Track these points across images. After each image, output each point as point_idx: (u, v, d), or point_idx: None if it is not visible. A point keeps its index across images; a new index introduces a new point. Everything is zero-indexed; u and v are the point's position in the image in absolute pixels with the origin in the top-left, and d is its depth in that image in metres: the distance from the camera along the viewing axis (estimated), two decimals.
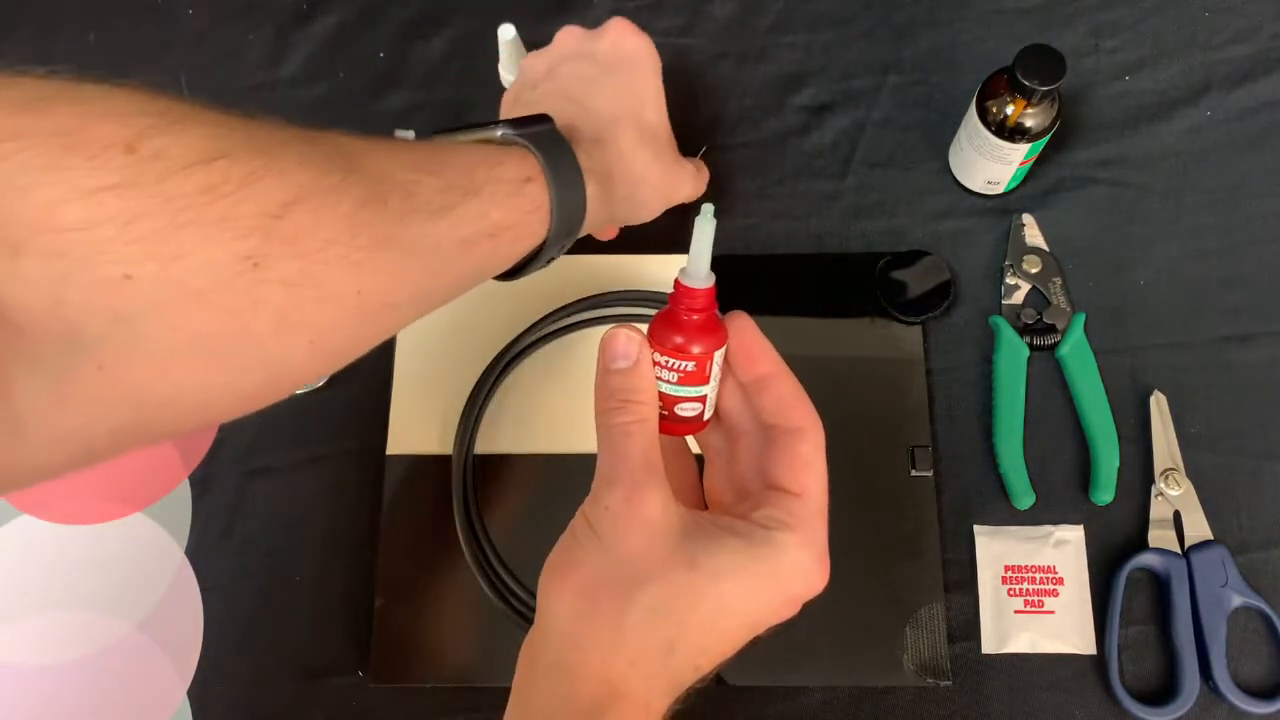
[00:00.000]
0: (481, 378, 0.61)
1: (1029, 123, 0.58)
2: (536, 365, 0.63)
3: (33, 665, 0.58)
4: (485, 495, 0.60)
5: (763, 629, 0.38)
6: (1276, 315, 0.62)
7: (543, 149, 0.46)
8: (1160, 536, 0.57)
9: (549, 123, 0.49)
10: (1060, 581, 0.57)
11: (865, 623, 0.57)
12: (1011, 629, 0.56)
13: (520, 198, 0.45)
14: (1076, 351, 0.61)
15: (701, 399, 0.39)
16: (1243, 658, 0.56)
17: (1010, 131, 0.59)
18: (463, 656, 0.57)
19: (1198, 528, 0.57)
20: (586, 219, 0.49)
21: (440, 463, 0.60)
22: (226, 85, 0.70)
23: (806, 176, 0.67)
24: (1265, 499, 0.58)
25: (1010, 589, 0.57)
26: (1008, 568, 0.57)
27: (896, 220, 0.65)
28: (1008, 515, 0.59)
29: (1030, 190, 0.65)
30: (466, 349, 0.62)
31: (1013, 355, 0.61)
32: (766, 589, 0.36)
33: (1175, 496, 0.58)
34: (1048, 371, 0.61)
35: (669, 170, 0.55)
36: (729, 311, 0.39)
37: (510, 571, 0.58)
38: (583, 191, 0.48)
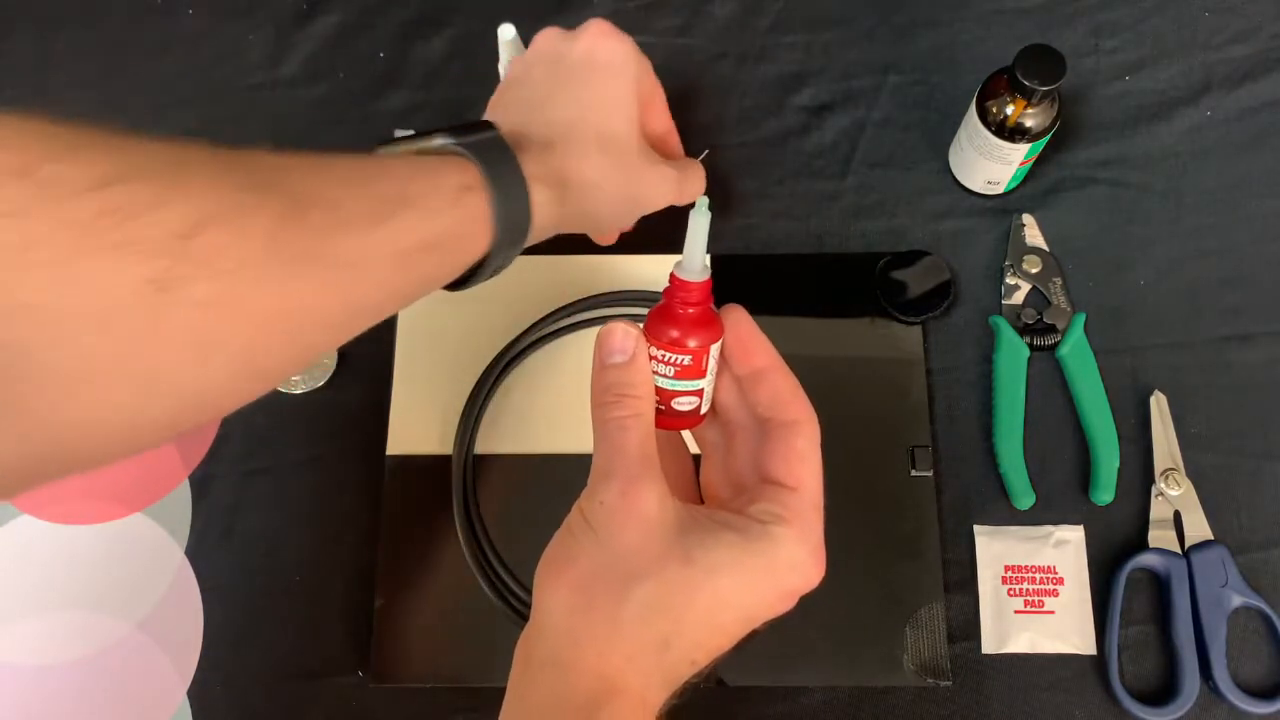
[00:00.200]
0: (481, 378, 0.61)
1: (1029, 123, 0.58)
2: (536, 365, 0.63)
3: (32, 665, 0.58)
4: (485, 495, 0.60)
5: (759, 623, 0.38)
6: (1276, 315, 0.62)
7: (482, 157, 0.45)
8: (1160, 536, 0.57)
9: (492, 130, 0.47)
10: (1060, 581, 0.57)
11: (865, 623, 0.57)
12: (1011, 629, 0.56)
13: (459, 208, 0.43)
14: (1076, 351, 0.61)
15: (698, 393, 0.39)
16: (1243, 658, 0.56)
17: (1010, 131, 0.59)
18: (463, 656, 0.57)
19: (1198, 528, 0.57)
20: (535, 227, 0.47)
21: (440, 463, 0.60)
22: (226, 85, 0.70)
23: (806, 176, 0.67)
24: (1265, 499, 0.58)
25: (1010, 589, 0.57)
26: (1008, 568, 0.57)
27: (896, 220, 0.65)
28: (1008, 515, 0.59)
29: (1030, 190, 0.65)
30: (466, 349, 0.62)
31: (1013, 355, 0.61)
32: (762, 583, 0.36)
33: (1175, 496, 0.58)
34: (1048, 371, 0.61)
35: (633, 177, 0.52)
36: (724, 305, 0.39)
37: (510, 571, 0.58)
38: (526, 199, 0.46)
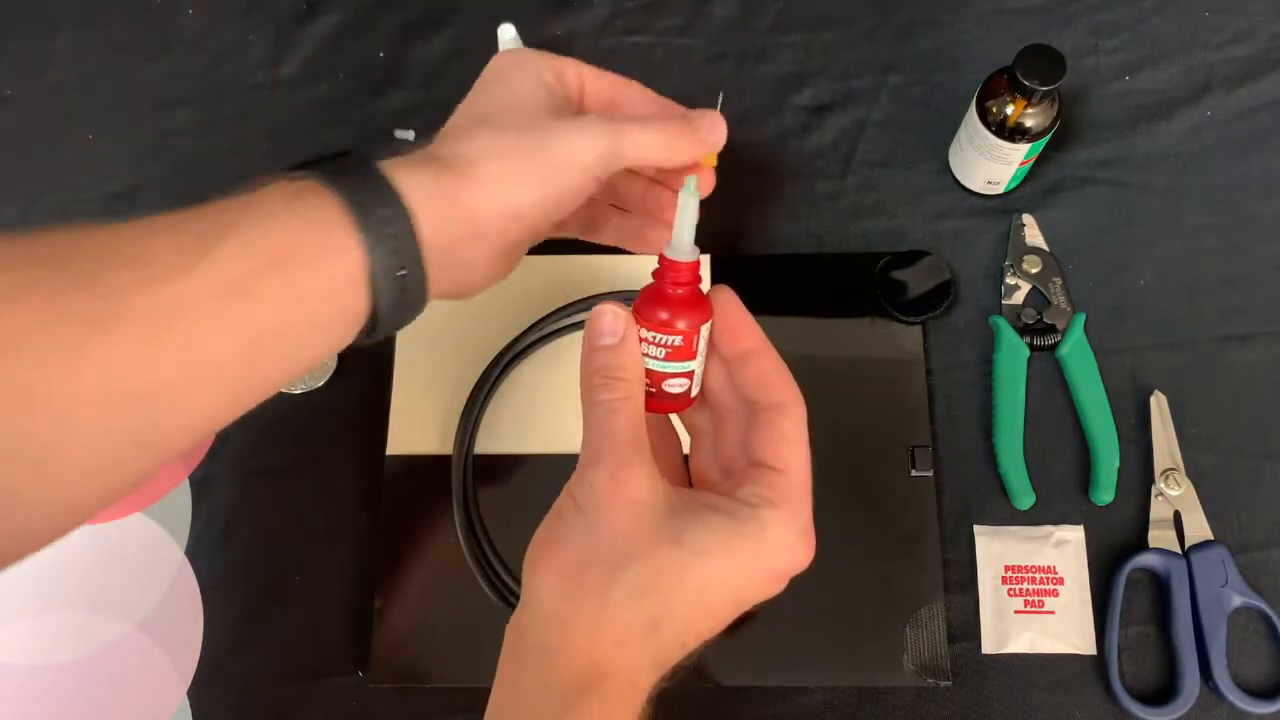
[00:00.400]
0: (481, 378, 0.61)
1: (1029, 123, 0.58)
2: (536, 365, 0.63)
3: (33, 665, 0.58)
4: (485, 495, 0.60)
5: (749, 605, 0.37)
6: (1276, 315, 0.62)
7: (320, 166, 0.38)
8: (1160, 536, 0.57)
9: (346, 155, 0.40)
10: (1060, 581, 0.57)
11: (865, 623, 0.57)
12: (1011, 629, 0.56)
13: (295, 212, 0.36)
14: (1076, 351, 0.61)
15: (689, 375, 0.39)
16: (1243, 658, 0.56)
17: (1010, 131, 0.59)
18: (463, 656, 0.57)
19: (1198, 528, 0.57)
20: (429, 221, 0.38)
21: (440, 463, 0.60)
22: (226, 85, 0.70)
23: (806, 176, 0.67)
24: (1265, 499, 0.58)
25: (1010, 589, 0.57)
26: (1008, 568, 0.57)
27: (896, 220, 0.65)
28: (1008, 515, 0.59)
29: (1030, 190, 0.65)
30: (466, 349, 0.62)
31: (1013, 355, 0.61)
32: (752, 565, 0.36)
33: (1175, 496, 0.58)
34: (1048, 371, 0.61)
35: (538, 141, 0.40)
36: (713, 286, 0.39)
37: (510, 571, 0.58)
38: (388, 187, 0.38)
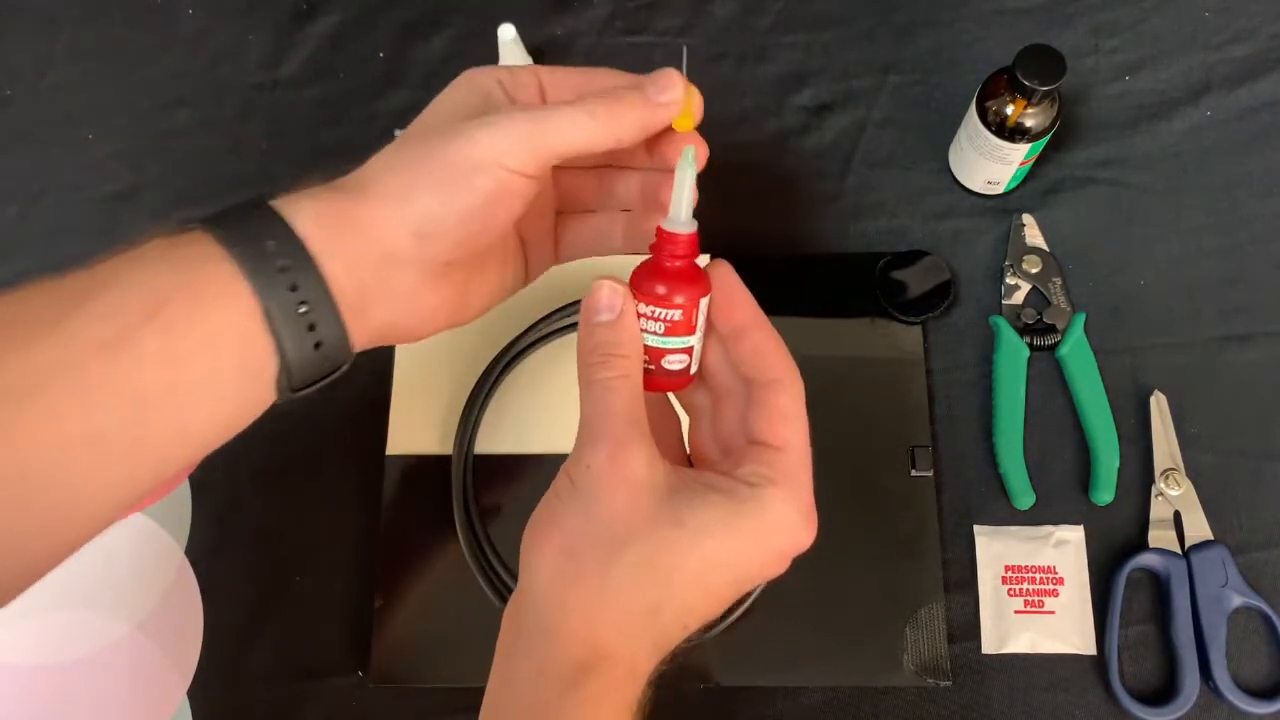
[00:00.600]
0: (481, 378, 0.61)
1: (1029, 123, 0.58)
2: (536, 365, 0.62)
3: (33, 665, 0.58)
4: (485, 495, 0.60)
5: (751, 585, 0.37)
6: (1276, 315, 0.62)
7: (210, 219, 0.35)
8: (1160, 536, 0.57)
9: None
10: (1060, 581, 0.57)
11: (865, 623, 0.57)
12: (1011, 629, 0.56)
13: (171, 257, 0.34)
14: (1076, 351, 0.61)
15: (688, 350, 0.38)
16: (1243, 658, 0.56)
17: (1010, 131, 0.59)
18: (463, 656, 0.57)
19: (1198, 528, 0.57)
20: (329, 236, 0.35)
21: (440, 463, 0.60)
22: (226, 85, 0.70)
23: (806, 176, 0.67)
24: (1265, 499, 0.58)
25: (1010, 589, 0.57)
26: (1008, 568, 0.57)
27: (896, 220, 0.65)
28: (1008, 515, 0.59)
29: (1030, 190, 0.65)
30: (466, 349, 0.62)
31: (1013, 355, 0.61)
32: (752, 545, 0.36)
33: (1175, 496, 0.58)
34: (1048, 371, 0.61)
35: (442, 144, 0.37)
36: (711, 260, 0.39)
37: (510, 571, 0.58)
38: (272, 212, 0.35)
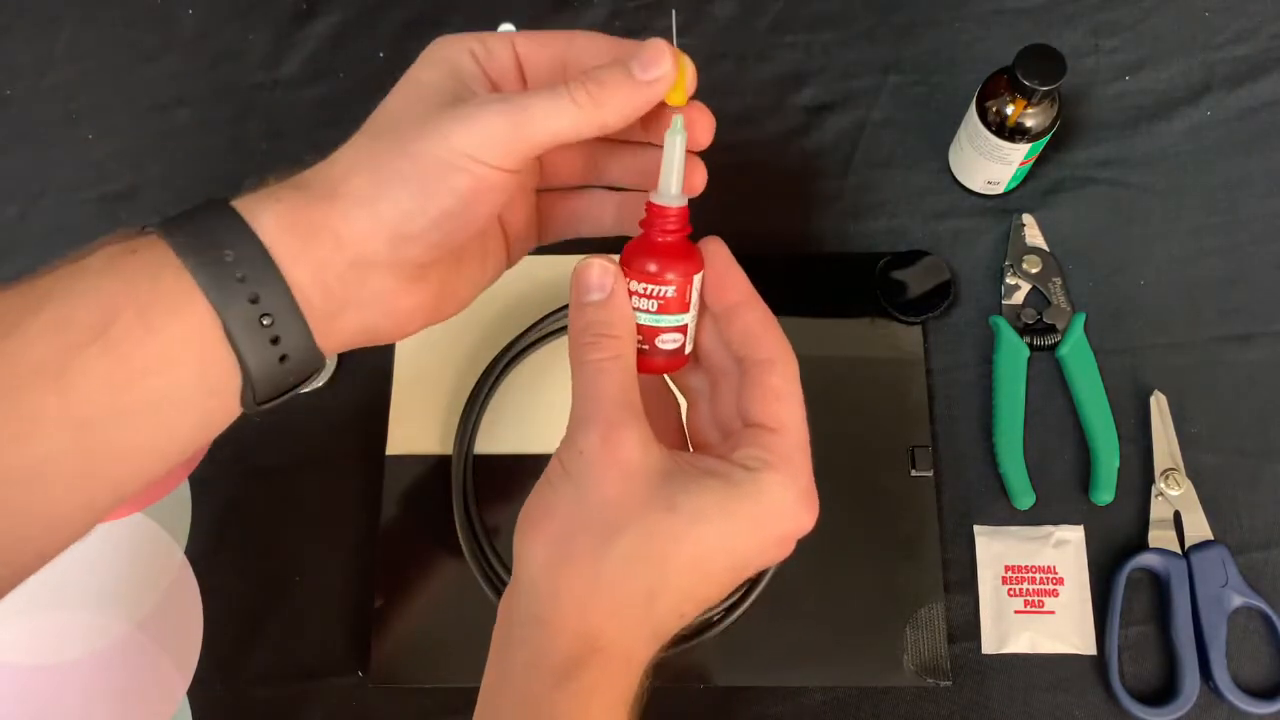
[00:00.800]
0: (481, 378, 0.61)
1: (1029, 123, 0.58)
2: (536, 365, 0.62)
3: (33, 665, 0.58)
4: (485, 495, 0.60)
5: (752, 571, 0.37)
6: (1276, 315, 0.62)
7: (168, 222, 0.34)
8: (1160, 536, 0.57)
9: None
10: (1060, 581, 0.57)
11: (865, 623, 0.57)
12: (1011, 629, 0.56)
13: (121, 267, 0.33)
14: (1076, 351, 0.61)
15: (682, 329, 0.37)
16: (1243, 658, 0.56)
17: (1010, 131, 0.59)
18: (463, 656, 0.57)
19: (1198, 528, 0.57)
20: (294, 242, 0.34)
21: (440, 463, 0.60)
22: (226, 85, 0.70)
23: (806, 176, 0.67)
24: (1265, 499, 0.58)
25: (1010, 589, 0.57)
26: (1008, 568, 0.57)
27: (896, 220, 0.65)
28: (1008, 515, 0.59)
29: (1030, 190, 0.65)
30: (466, 349, 0.62)
31: (1013, 355, 0.61)
32: (751, 530, 0.35)
33: (1175, 496, 0.58)
34: (1048, 371, 0.61)
35: (420, 133, 0.35)
36: (705, 237, 0.38)
37: (510, 571, 0.58)
38: (234, 216, 0.34)
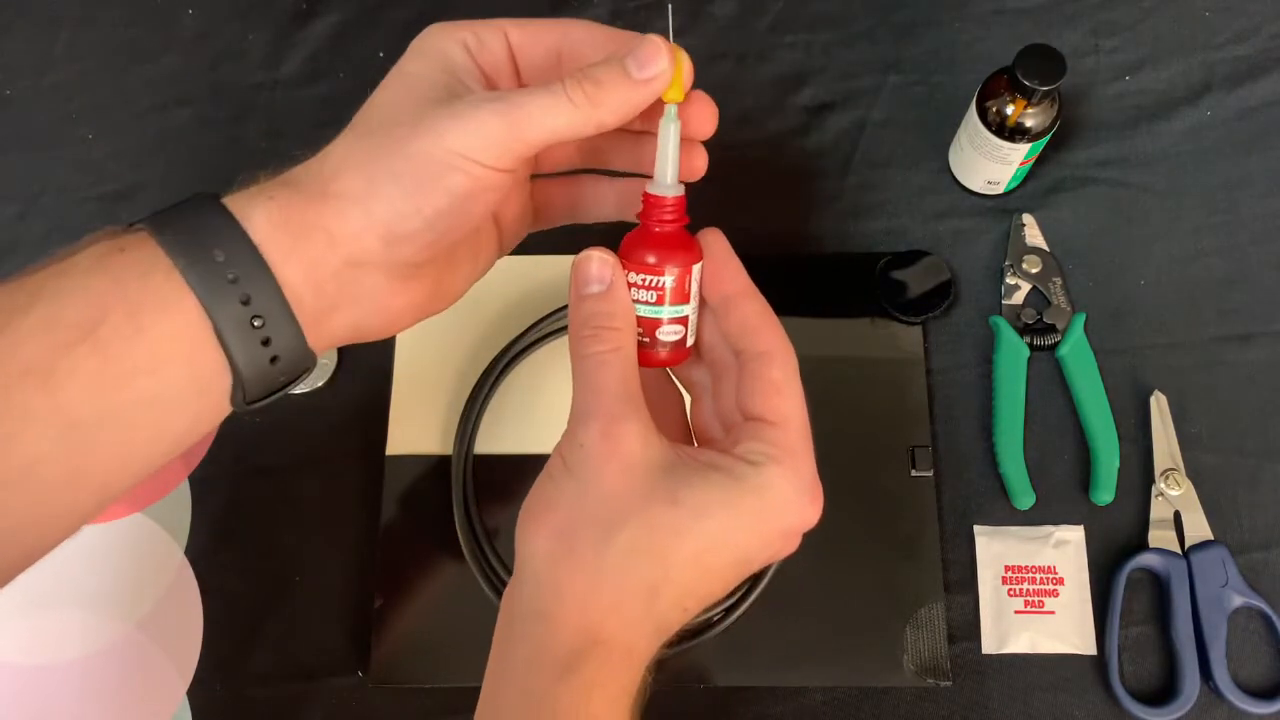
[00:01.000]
0: (481, 378, 0.61)
1: (1029, 123, 0.58)
2: (536, 365, 0.62)
3: (32, 665, 0.58)
4: (485, 495, 0.60)
5: (756, 566, 0.36)
6: (1276, 315, 0.62)
7: (165, 210, 0.34)
8: (1160, 536, 0.57)
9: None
10: (1060, 582, 0.57)
11: (865, 623, 0.57)
12: (1011, 629, 0.56)
13: (111, 266, 0.32)
14: (1076, 351, 0.61)
15: (682, 320, 0.37)
16: (1243, 658, 0.56)
17: (1010, 131, 0.59)
18: (463, 656, 0.57)
19: (1198, 528, 0.57)
20: (286, 241, 0.34)
21: (440, 463, 0.60)
22: (226, 85, 0.70)
23: (806, 176, 0.67)
24: (1265, 499, 0.58)
25: (1010, 589, 0.57)
26: (1008, 568, 0.57)
27: (896, 220, 0.65)
28: (1008, 515, 0.59)
29: (1030, 190, 0.65)
30: (466, 349, 0.62)
31: (1013, 355, 0.61)
32: (755, 524, 0.35)
33: (1175, 496, 0.58)
34: (1048, 371, 0.61)
35: (413, 132, 0.37)
36: (703, 229, 0.38)
37: (510, 571, 0.58)
38: (226, 215, 0.34)
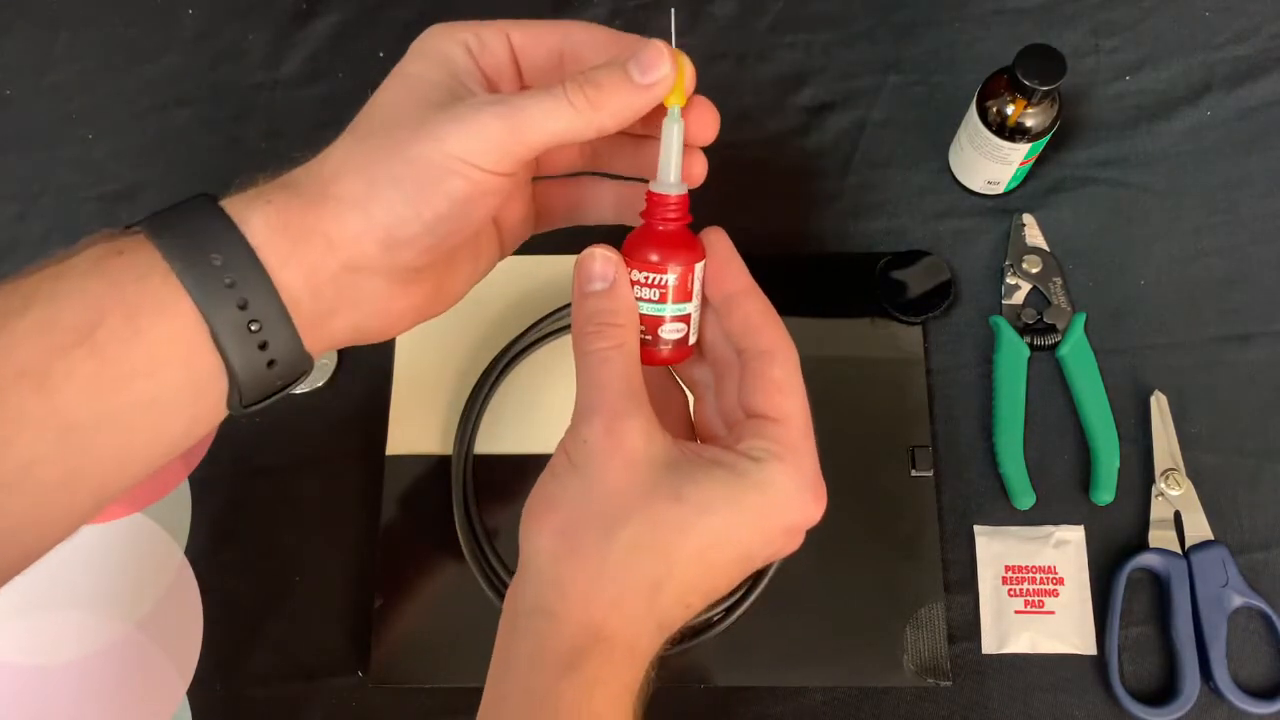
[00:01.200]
0: (481, 378, 0.61)
1: (1029, 123, 0.58)
2: (536, 365, 0.62)
3: (32, 665, 0.58)
4: (485, 495, 0.60)
5: (759, 563, 0.36)
6: (1276, 315, 0.62)
7: (161, 212, 0.34)
8: (1160, 536, 0.57)
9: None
10: (1060, 582, 0.57)
11: (865, 623, 0.57)
12: (1011, 629, 0.56)
13: (108, 269, 0.32)
14: (1076, 351, 0.61)
15: (685, 318, 0.37)
16: (1243, 658, 0.56)
17: (1010, 131, 0.59)
18: (463, 656, 0.57)
19: (1198, 528, 0.57)
20: (284, 246, 0.34)
21: (440, 463, 0.60)
22: (226, 85, 0.70)
23: (806, 176, 0.67)
24: (1265, 499, 0.58)
25: (1010, 589, 0.57)
26: (1008, 568, 0.57)
27: (896, 220, 0.65)
28: (1008, 515, 0.59)
29: (1030, 190, 0.65)
30: (466, 349, 0.62)
31: (1013, 355, 0.61)
32: (758, 521, 0.35)
33: (1175, 496, 0.58)
34: (1048, 371, 0.61)
35: (414, 135, 0.38)
36: (706, 227, 0.38)
37: (510, 571, 0.58)
38: (223, 219, 0.34)
